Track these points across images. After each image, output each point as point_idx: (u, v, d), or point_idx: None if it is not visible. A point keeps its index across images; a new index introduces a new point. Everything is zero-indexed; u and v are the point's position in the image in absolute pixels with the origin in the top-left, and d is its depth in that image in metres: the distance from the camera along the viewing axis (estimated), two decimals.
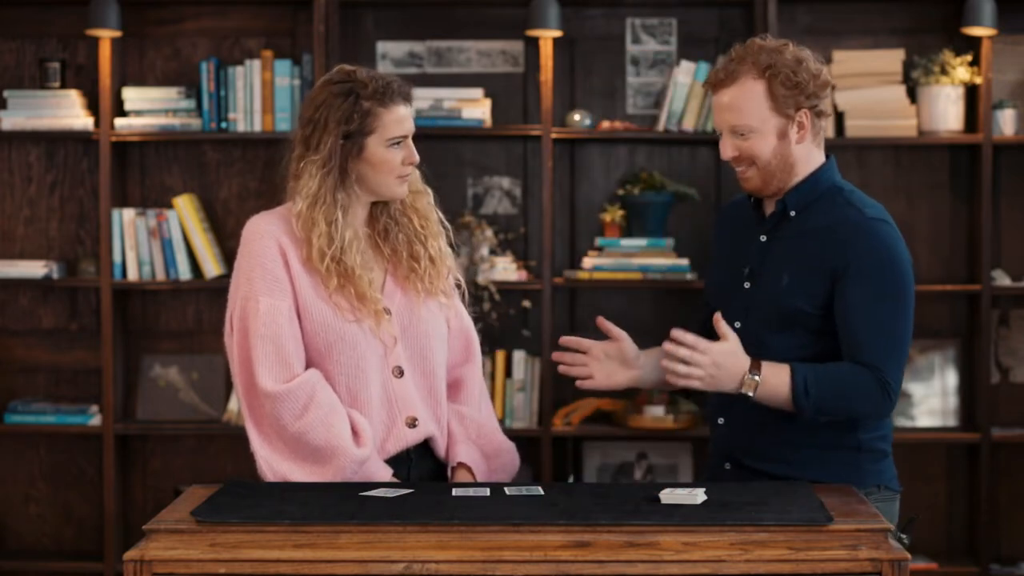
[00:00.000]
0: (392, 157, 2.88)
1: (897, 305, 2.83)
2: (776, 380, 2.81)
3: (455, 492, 2.63)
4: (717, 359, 2.80)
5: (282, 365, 2.80)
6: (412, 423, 2.90)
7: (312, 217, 2.85)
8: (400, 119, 2.89)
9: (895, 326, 2.83)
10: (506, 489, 2.66)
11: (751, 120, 2.87)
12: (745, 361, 2.81)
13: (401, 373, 2.91)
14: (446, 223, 3.06)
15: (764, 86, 2.86)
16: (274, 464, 2.82)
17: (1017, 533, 4.90)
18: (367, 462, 2.82)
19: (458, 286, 3.06)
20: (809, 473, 2.87)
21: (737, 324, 2.94)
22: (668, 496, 2.56)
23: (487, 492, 2.64)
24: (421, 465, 2.95)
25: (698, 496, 2.55)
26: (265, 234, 2.87)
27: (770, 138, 2.88)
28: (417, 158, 2.93)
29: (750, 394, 2.81)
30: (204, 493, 2.68)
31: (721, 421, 3.01)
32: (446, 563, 2.38)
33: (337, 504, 2.55)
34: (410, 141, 2.92)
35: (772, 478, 2.88)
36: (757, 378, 2.80)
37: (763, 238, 2.96)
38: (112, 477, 4.79)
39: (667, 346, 2.82)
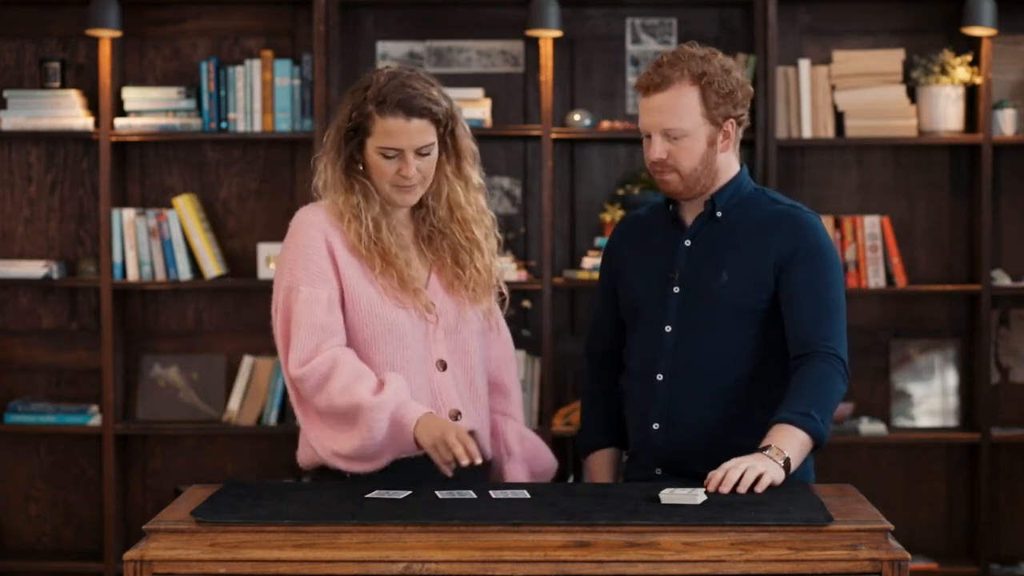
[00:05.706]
0: (383, 165, 2.87)
1: (838, 286, 2.94)
2: (789, 435, 2.74)
3: (440, 495, 2.63)
4: (739, 458, 2.70)
5: (313, 351, 2.82)
6: (455, 416, 2.92)
7: (336, 206, 2.90)
8: (390, 132, 2.84)
9: (839, 306, 2.92)
10: (492, 492, 2.66)
11: (685, 124, 2.93)
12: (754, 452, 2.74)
13: (444, 367, 2.93)
14: (497, 234, 3.06)
15: (698, 93, 2.93)
16: (323, 441, 2.84)
17: (1017, 533, 4.90)
18: (397, 407, 2.79)
19: (500, 294, 3.08)
20: None
21: (668, 329, 2.96)
22: (668, 496, 2.56)
23: (472, 495, 2.64)
24: None
25: (698, 496, 2.55)
26: (310, 224, 2.90)
27: (700, 143, 2.94)
28: (412, 174, 2.86)
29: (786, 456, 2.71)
30: (204, 493, 2.69)
31: (656, 427, 2.96)
32: (446, 563, 2.38)
33: (337, 504, 2.55)
34: (409, 156, 2.85)
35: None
36: (775, 444, 2.71)
37: (687, 242, 3.00)
38: (112, 477, 4.79)
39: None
